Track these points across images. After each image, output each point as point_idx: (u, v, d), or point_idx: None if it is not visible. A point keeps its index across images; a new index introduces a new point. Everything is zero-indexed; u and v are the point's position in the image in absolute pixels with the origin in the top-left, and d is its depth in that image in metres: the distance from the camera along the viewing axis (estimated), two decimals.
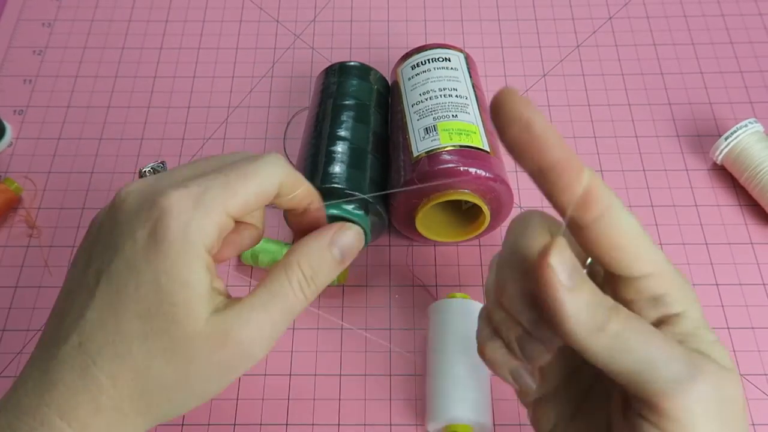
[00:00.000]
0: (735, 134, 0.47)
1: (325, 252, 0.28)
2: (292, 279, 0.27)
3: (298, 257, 0.28)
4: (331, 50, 0.58)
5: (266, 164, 0.28)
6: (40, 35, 0.59)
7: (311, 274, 0.28)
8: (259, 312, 0.26)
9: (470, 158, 0.41)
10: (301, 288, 0.28)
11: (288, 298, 0.27)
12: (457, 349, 0.40)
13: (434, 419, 0.39)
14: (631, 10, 0.59)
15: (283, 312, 0.27)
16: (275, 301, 0.27)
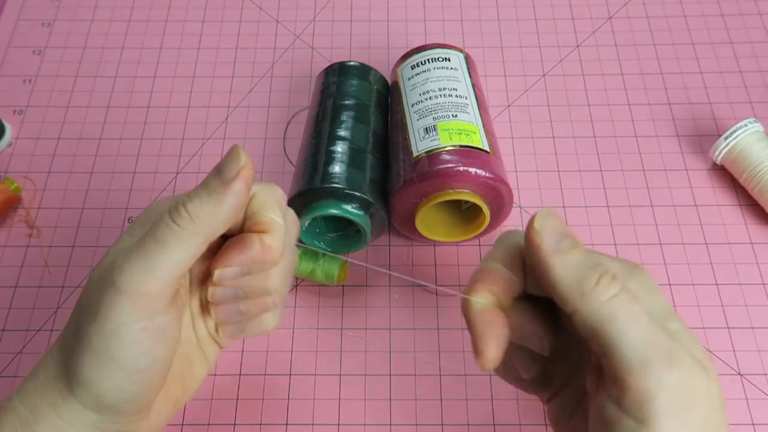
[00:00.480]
0: (735, 134, 0.47)
1: (209, 179, 0.29)
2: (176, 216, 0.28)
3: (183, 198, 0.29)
4: (331, 50, 0.58)
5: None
6: (39, 35, 0.59)
7: (196, 206, 0.28)
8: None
9: (470, 158, 0.41)
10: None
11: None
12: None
13: None
14: (630, 9, 0.59)
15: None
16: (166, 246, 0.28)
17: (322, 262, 0.45)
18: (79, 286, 0.47)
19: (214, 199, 0.28)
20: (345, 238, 0.46)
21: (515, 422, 0.42)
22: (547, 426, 0.41)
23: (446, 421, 0.42)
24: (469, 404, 0.42)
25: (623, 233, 0.48)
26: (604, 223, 0.49)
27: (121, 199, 0.50)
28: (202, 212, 0.28)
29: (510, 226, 0.48)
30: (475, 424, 0.42)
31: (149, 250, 0.27)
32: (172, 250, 0.27)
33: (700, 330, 0.44)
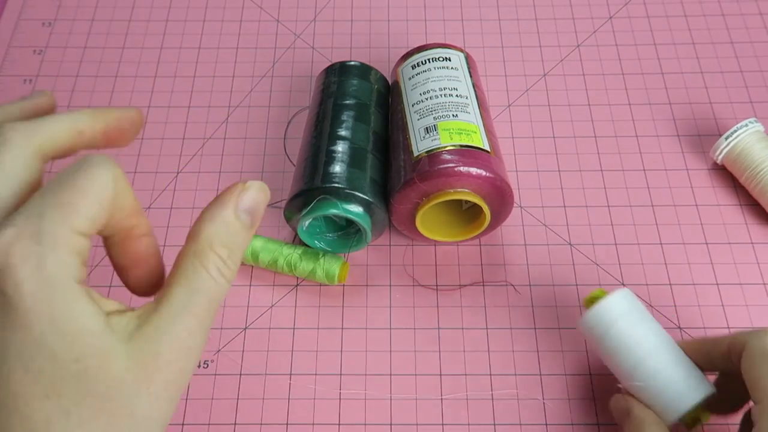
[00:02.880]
0: (735, 134, 0.47)
1: (235, 223, 0.24)
2: (210, 266, 0.24)
3: (209, 239, 0.24)
4: (332, 50, 0.58)
5: (94, 165, 0.23)
6: (40, 35, 0.59)
7: (227, 254, 0.24)
8: (183, 317, 0.23)
9: (471, 158, 0.41)
10: (221, 273, 0.24)
11: (210, 289, 0.24)
12: (648, 345, 0.37)
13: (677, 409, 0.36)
14: (631, 9, 0.59)
15: (208, 306, 0.24)
16: (197, 298, 0.23)
17: (323, 261, 0.45)
18: None
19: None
20: (345, 238, 0.46)
21: (515, 422, 0.42)
22: (547, 426, 0.41)
23: (446, 421, 0.42)
24: (470, 404, 0.42)
25: (623, 233, 0.48)
26: (605, 222, 0.49)
27: None
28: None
29: (510, 226, 0.48)
30: (475, 424, 0.42)
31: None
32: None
33: (701, 330, 0.44)
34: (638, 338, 0.36)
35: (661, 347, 0.36)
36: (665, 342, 0.37)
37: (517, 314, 0.45)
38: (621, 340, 0.37)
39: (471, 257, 0.47)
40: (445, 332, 0.45)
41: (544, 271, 0.47)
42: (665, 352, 0.36)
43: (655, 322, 0.38)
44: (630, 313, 0.37)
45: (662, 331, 0.38)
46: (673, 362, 0.36)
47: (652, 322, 0.38)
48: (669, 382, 0.35)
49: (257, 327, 0.45)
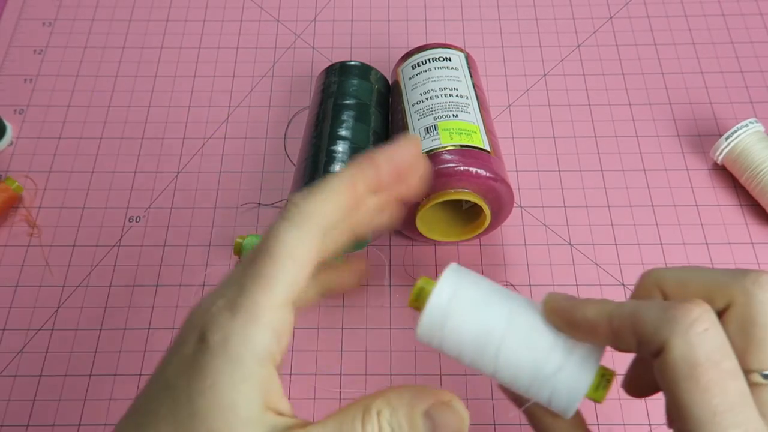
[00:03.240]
0: (735, 134, 0.47)
1: (416, 416, 0.23)
2: (366, 427, 0.23)
3: (382, 406, 0.23)
4: (332, 50, 0.58)
5: (285, 223, 0.23)
6: (40, 34, 0.59)
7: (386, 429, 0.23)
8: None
9: (471, 158, 0.41)
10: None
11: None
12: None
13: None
14: (631, 9, 0.59)
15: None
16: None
17: None
18: (80, 285, 0.47)
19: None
20: None
21: (515, 422, 0.42)
22: None
23: None
24: (470, 404, 0.42)
25: (624, 233, 0.48)
26: (605, 222, 0.49)
27: (122, 198, 0.50)
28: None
29: (510, 226, 0.48)
30: (475, 424, 0.42)
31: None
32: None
33: None
34: (480, 332, 0.26)
35: (514, 333, 0.26)
36: (520, 323, 0.26)
37: None
38: (461, 342, 0.27)
39: (471, 257, 0.47)
40: None
41: (544, 271, 0.47)
42: (521, 338, 0.26)
43: (498, 291, 0.27)
44: (461, 303, 0.27)
45: (512, 301, 0.27)
46: (537, 350, 0.26)
47: (495, 296, 0.27)
48: (539, 376, 0.26)
49: None
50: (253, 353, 0.22)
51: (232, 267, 0.47)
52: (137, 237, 0.49)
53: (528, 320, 0.26)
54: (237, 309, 0.22)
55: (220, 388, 0.21)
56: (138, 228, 0.49)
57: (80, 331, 0.45)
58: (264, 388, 0.22)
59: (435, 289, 0.26)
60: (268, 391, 0.22)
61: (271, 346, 0.22)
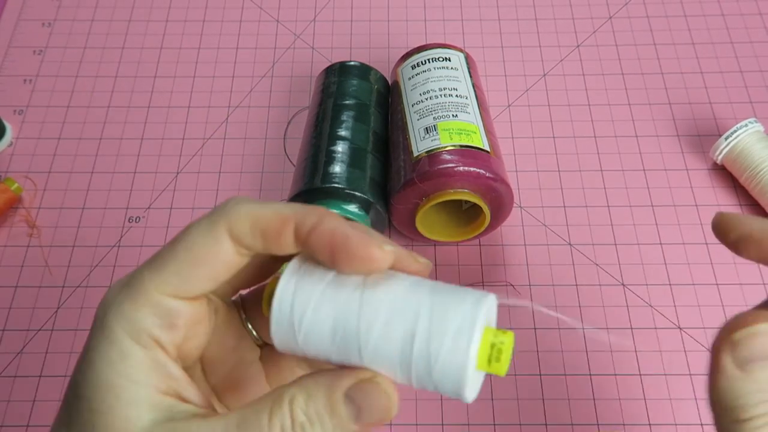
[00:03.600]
0: (735, 134, 0.47)
1: (336, 401, 0.20)
2: (274, 424, 0.20)
3: (294, 393, 0.20)
4: (331, 50, 0.58)
5: (202, 218, 0.22)
6: (40, 35, 0.59)
7: (303, 423, 0.20)
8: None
9: (470, 158, 0.41)
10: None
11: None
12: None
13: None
14: (631, 9, 0.59)
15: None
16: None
17: None
18: (80, 285, 0.47)
19: None
20: None
21: (515, 422, 0.42)
22: (547, 426, 0.41)
23: (447, 421, 0.42)
24: (469, 404, 0.42)
25: (623, 233, 0.48)
26: (605, 222, 0.49)
27: (122, 199, 0.50)
28: None
29: (510, 226, 0.48)
30: (475, 424, 0.42)
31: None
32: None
33: (701, 330, 0.44)
34: (335, 329, 0.21)
35: (368, 321, 0.21)
36: (374, 306, 0.21)
37: (517, 314, 0.45)
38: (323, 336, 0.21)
39: (471, 257, 0.47)
40: None
41: (543, 271, 0.47)
42: (379, 325, 0.21)
43: (346, 280, 0.22)
44: (304, 302, 0.21)
45: (364, 286, 0.22)
46: (399, 332, 0.21)
47: (343, 285, 0.22)
48: (413, 364, 0.21)
49: None
50: (129, 332, 0.20)
51: None
52: (137, 237, 0.49)
53: (385, 300, 0.21)
54: (123, 286, 0.21)
55: (98, 366, 0.20)
56: (138, 228, 0.49)
57: (80, 332, 0.45)
58: (152, 370, 0.21)
59: (276, 291, 0.22)
60: (162, 375, 0.21)
61: (154, 329, 0.21)
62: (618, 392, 0.42)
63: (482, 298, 0.21)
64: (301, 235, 0.21)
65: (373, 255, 0.20)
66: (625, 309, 0.45)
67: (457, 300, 0.21)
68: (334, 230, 0.21)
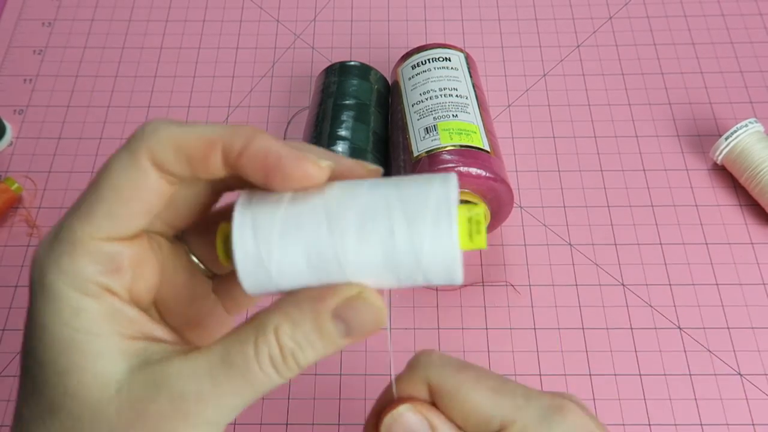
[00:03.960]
0: (735, 134, 0.47)
1: (324, 322, 0.19)
2: (262, 353, 0.19)
3: (279, 319, 0.19)
4: (332, 50, 0.58)
5: (119, 151, 0.20)
6: (40, 35, 0.59)
7: (293, 349, 0.19)
8: (203, 382, 0.19)
9: (470, 158, 0.41)
10: (273, 365, 0.19)
11: (251, 374, 0.19)
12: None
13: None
14: (631, 9, 0.59)
15: (241, 388, 0.19)
16: (230, 375, 0.19)
17: None
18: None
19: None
20: None
21: None
22: None
23: None
24: None
25: (623, 233, 0.48)
26: (605, 222, 0.49)
27: None
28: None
29: (510, 226, 0.48)
30: None
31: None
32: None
33: (700, 330, 0.44)
34: (309, 255, 0.20)
35: (341, 234, 0.20)
36: (343, 217, 0.20)
37: (516, 314, 0.45)
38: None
39: (471, 257, 0.47)
40: (445, 332, 0.45)
41: (543, 271, 0.47)
42: (353, 235, 0.20)
43: (302, 198, 0.21)
44: (267, 233, 0.20)
45: (323, 198, 0.20)
46: (377, 234, 0.20)
47: (302, 204, 0.20)
48: (398, 261, 0.20)
49: None
50: (74, 286, 0.19)
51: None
52: None
53: (351, 206, 0.20)
54: (54, 240, 0.20)
55: (52, 327, 0.19)
56: None
57: None
58: (111, 318, 0.20)
59: (234, 232, 0.20)
60: (123, 321, 0.20)
61: (99, 277, 0.20)
62: (618, 392, 0.42)
63: (447, 177, 0.20)
64: (231, 158, 0.20)
65: (309, 172, 0.20)
66: (625, 309, 0.45)
67: (423, 186, 0.20)
68: (266, 150, 0.20)
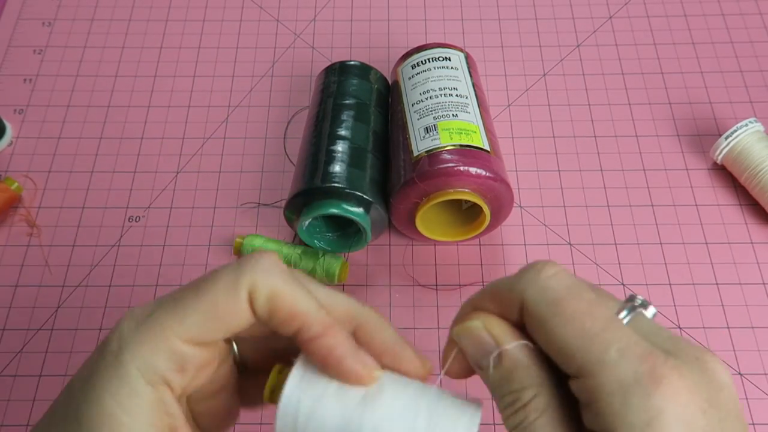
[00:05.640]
0: (735, 134, 0.47)
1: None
2: None
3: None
4: (332, 49, 0.58)
5: (228, 272, 0.23)
6: (40, 34, 0.59)
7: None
8: None
9: (470, 158, 0.41)
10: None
11: None
12: None
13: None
14: (631, 9, 0.59)
15: None
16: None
17: (323, 261, 0.45)
18: (80, 285, 0.47)
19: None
20: (345, 238, 0.46)
21: None
22: None
23: None
24: None
25: (623, 233, 0.48)
26: (605, 222, 0.49)
27: (122, 198, 0.50)
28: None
29: (510, 226, 0.48)
30: None
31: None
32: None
33: (700, 330, 0.44)
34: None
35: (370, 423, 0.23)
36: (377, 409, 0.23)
37: None
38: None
39: (471, 257, 0.47)
40: (445, 332, 0.45)
41: None
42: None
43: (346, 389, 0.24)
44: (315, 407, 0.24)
45: (364, 393, 0.24)
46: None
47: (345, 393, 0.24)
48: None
49: None
50: (144, 373, 0.21)
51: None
52: (137, 237, 0.49)
53: (385, 416, 0.23)
54: (142, 324, 0.22)
55: (105, 398, 0.21)
56: (138, 228, 0.49)
57: (80, 331, 0.45)
58: (157, 410, 0.22)
59: (285, 392, 0.24)
60: (163, 414, 0.22)
61: (167, 372, 0.22)
62: None
63: (475, 415, 0.23)
64: (302, 336, 0.23)
65: (360, 375, 0.23)
66: None
67: (452, 416, 0.23)
68: (332, 349, 0.23)
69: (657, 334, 0.21)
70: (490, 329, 0.23)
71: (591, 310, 0.21)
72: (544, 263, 0.22)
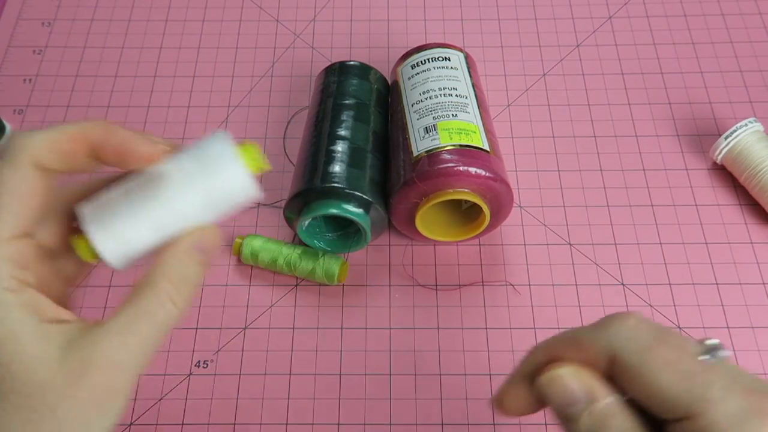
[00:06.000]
0: (735, 134, 0.47)
1: (194, 255, 0.27)
2: (160, 293, 0.25)
3: (163, 270, 0.26)
4: (331, 50, 0.58)
5: (2, 162, 0.26)
6: (39, 34, 0.59)
7: (178, 283, 0.26)
8: (123, 334, 0.24)
9: (470, 158, 0.41)
10: (171, 299, 0.26)
11: (158, 312, 0.25)
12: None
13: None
14: (630, 9, 0.59)
15: (153, 328, 0.25)
16: (143, 319, 0.25)
17: (322, 261, 0.45)
18: (80, 285, 0.47)
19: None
20: (345, 238, 0.46)
21: (515, 422, 0.42)
22: (546, 426, 0.41)
23: (446, 420, 0.42)
24: (469, 404, 0.42)
25: (623, 233, 0.48)
26: (605, 222, 0.49)
27: None
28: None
29: (510, 226, 0.48)
30: (475, 423, 0.42)
31: None
32: None
33: (700, 330, 0.44)
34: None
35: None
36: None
37: (516, 314, 0.45)
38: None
39: (471, 257, 0.47)
40: (444, 332, 0.45)
41: (543, 270, 0.47)
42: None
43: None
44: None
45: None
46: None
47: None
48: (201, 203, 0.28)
49: (257, 327, 0.45)
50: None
51: (231, 267, 0.47)
52: None
53: (168, 187, 0.29)
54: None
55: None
56: None
57: None
58: (32, 309, 0.24)
59: (93, 239, 0.27)
60: (38, 307, 0.24)
61: (13, 272, 0.24)
62: None
63: (217, 135, 0.29)
64: (95, 150, 0.29)
65: (152, 154, 0.30)
66: (625, 308, 0.45)
67: (207, 149, 0.29)
68: (123, 140, 0.30)
69: (741, 374, 0.22)
70: (582, 380, 0.24)
71: (681, 354, 0.22)
72: (625, 314, 0.24)
